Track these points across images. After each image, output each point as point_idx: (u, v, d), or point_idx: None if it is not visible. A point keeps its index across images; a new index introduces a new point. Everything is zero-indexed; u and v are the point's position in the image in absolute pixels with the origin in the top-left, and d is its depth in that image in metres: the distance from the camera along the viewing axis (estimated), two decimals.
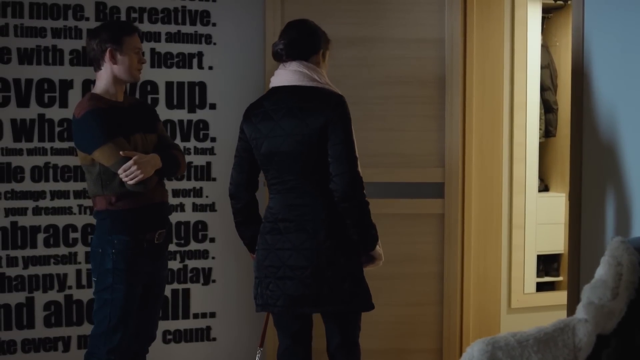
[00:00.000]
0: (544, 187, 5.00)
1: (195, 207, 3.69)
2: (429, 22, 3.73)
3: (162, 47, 3.62)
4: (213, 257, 3.73)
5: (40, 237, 3.50)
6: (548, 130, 4.87)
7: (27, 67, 3.45)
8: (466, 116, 3.82)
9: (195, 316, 3.72)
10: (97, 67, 2.89)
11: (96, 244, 2.86)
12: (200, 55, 3.68)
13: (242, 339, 3.76)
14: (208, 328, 3.74)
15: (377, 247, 2.78)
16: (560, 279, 4.84)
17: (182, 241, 3.69)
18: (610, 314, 1.97)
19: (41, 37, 3.46)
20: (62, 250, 3.52)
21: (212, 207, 3.71)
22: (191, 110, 3.68)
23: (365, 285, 2.75)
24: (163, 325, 3.62)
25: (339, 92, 2.75)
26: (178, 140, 3.64)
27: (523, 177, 4.28)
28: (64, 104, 3.49)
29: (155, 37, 3.61)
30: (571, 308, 3.02)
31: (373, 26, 3.72)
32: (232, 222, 2.91)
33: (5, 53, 3.41)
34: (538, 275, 4.66)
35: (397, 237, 3.67)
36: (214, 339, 3.74)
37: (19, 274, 3.47)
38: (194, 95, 3.68)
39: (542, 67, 4.68)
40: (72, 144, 3.36)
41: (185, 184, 3.68)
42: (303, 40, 2.77)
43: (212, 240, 3.72)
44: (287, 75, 2.73)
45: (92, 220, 3.35)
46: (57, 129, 3.49)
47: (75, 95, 3.48)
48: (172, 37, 3.64)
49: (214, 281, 3.73)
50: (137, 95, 3.57)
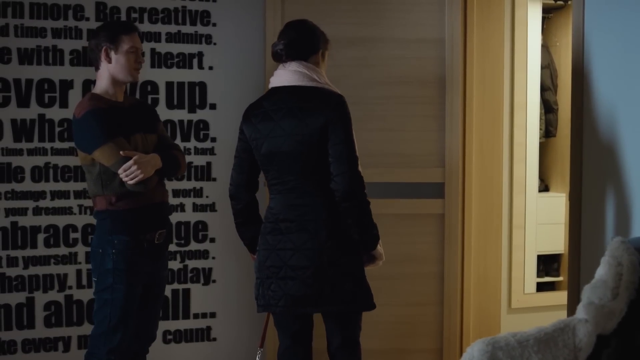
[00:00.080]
0: (544, 187, 5.00)
1: (196, 207, 3.70)
2: (429, 22, 3.73)
3: (162, 47, 3.62)
4: (213, 257, 3.73)
5: (41, 237, 3.50)
6: (548, 131, 4.87)
7: (28, 67, 3.45)
8: (466, 116, 3.82)
9: (196, 316, 3.72)
10: (97, 66, 2.89)
11: (96, 244, 2.86)
12: (200, 55, 3.68)
13: (242, 339, 3.76)
14: (208, 328, 3.74)
15: (378, 247, 2.78)
16: (560, 279, 4.84)
17: (183, 241, 3.69)
18: (610, 314, 1.97)
19: (41, 37, 3.46)
20: (63, 250, 3.52)
21: (212, 207, 3.71)
22: (191, 110, 3.68)
23: (366, 285, 2.75)
24: (163, 326, 3.62)
25: (338, 92, 2.75)
26: (178, 141, 3.64)
27: (523, 177, 4.28)
28: (64, 104, 3.49)
29: (155, 37, 3.61)
30: (571, 308, 3.02)
31: (373, 26, 3.72)
32: (232, 222, 2.91)
33: (5, 53, 3.42)
34: (538, 276, 4.66)
35: (397, 237, 3.67)
36: (214, 339, 3.74)
37: (19, 274, 3.47)
38: (194, 96, 3.68)
39: (542, 67, 4.68)
40: (72, 144, 3.36)
41: (185, 184, 3.68)
42: (302, 41, 2.77)
43: (213, 240, 3.72)
44: (286, 76, 2.73)
45: (92, 220, 3.35)
46: (58, 129, 3.49)
47: (75, 96, 3.48)
48: (172, 37, 3.64)
49: (214, 281, 3.73)
50: (137, 95, 3.57)
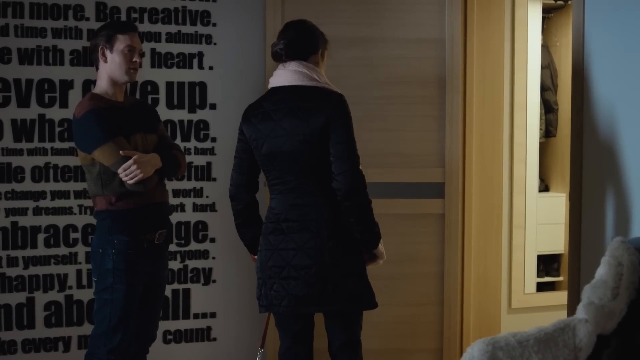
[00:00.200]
0: (544, 187, 5.00)
1: (196, 207, 3.69)
2: (429, 22, 3.73)
3: (163, 47, 3.62)
4: (213, 257, 3.73)
5: (41, 237, 3.50)
6: (548, 131, 4.87)
7: (28, 67, 3.45)
8: (466, 116, 3.82)
9: (196, 316, 3.72)
10: (97, 66, 2.90)
11: (96, 244, 2.86)
12: (200, 55, 3.68)
13: (242, 339, 3.76)
14: (208, 328, 3.74)
15: (380, 245, 2.79)
16: (560, 279, 4.84)
17: (183, 241, 3.69)
18: (610, 314, 1.97)
19: (41, 37, 3.46)
20: (63, 250, 3.52)
21: (212, 207, 3.71)
22: (191, 110, 3.68)
23: (368, 284, 2.75)
24: (163, 326, 3.62)
25: (339, 92, 2.75)
26: (178, 141, 3.64)
27: (523, 177, 4.28)
28: (64, 104, 3.49)
29: (155, 37, 3.61)
30: (571, 308, 3.02)
31: (373, 26, 3.72)
32: (233, 222, 2.90)
33: (5, 53, 3.42)
34: (538, 276, 4.66)
35: (398, 237, 3.67)
36: (214, 339, 3.74)
37: (19, 274, 3.47)
38: (194, 96, 3.68)
39: (542, 67, 4.68)
40: (72, 144, 3.36)
41: (185, 184, 3.68)
42: (302, 41, 2.77)
43: (213, 240, 3.72)
44: (286, 75, 2.73)
45: (92, 220, 3.35)
46: (58, 129, 3.49)
47: (75, 96, 3.48)
48: (172, 37, 3.64)
49: (214, 281, 3.73)
50: (138, 95, 3.57)
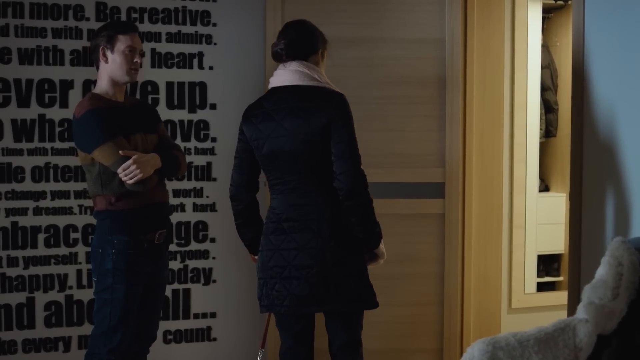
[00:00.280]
0: (544, 187, 5.00)
1: (196, 207, 3.69)
2: (429, 22, 3.73)
3: (163, 47, 3.62)
4: (213, 257, 3.73)
5: (41, 237, 3.50)
6: (548, 130, 4.87)
7: (28, 67, 3.45)
8: (467, 116, 3.82)
9: (196, 316, 3.72)
10: (97, 66, 2.90)
11: (96, 244, 2.86)
12: (200, 55, 3.68)
13: (242, 339, 3.76)
14: (208, 328, 3.74)
15: (381, 245, 2.79)
16: (560, 279, 4.84)
17: (183, 241, 3.69)
18: (610, 314, 1.97)
19: (42, 37, 3.46)
20: (63, 250, 3.52)
21: (212, 207, 3.71)
22: (191, 110, 3.68)
23: (369, 284, 2.75)
24: (163, 326, 3.62)
25: (339, 91, 2.75)
26: (178, 141, 3.64)
27: (523, 177, 4.27)
28: (64, 104, 3.49)
29: (155, 37, 3.61)
30: (572, 308, 3.02)
31: (373, 26, 3.72)
32: (233, 222, 2.90)
33: (5, 53, 3.42)
34: (538, 275, 4.66)
35: (398, 237, 3.67)
36: (214, 339, 3.74)
37: (19, 274, 3.47)
38: (194, 96, 3.68)
39: (542, 67, 4.68)
40: (72, 144, 3.36)
41: (185, 184, 3.68)
42: (302, 40, 2.77)
43: (213, 240, 3.72)
44: (287, 75, 2.73)
45: (92, 220, 3.34)
46: (58, 129, 3.49)
47: (75, 96, 3.48)
48: (172, 37, 3.64)
49: (214, 281, 3.73)
50: (138, 95, 3.57)
